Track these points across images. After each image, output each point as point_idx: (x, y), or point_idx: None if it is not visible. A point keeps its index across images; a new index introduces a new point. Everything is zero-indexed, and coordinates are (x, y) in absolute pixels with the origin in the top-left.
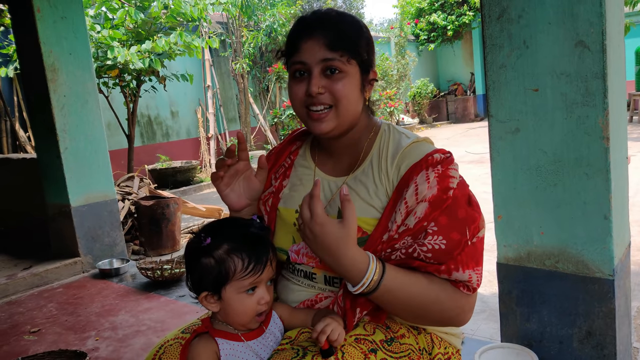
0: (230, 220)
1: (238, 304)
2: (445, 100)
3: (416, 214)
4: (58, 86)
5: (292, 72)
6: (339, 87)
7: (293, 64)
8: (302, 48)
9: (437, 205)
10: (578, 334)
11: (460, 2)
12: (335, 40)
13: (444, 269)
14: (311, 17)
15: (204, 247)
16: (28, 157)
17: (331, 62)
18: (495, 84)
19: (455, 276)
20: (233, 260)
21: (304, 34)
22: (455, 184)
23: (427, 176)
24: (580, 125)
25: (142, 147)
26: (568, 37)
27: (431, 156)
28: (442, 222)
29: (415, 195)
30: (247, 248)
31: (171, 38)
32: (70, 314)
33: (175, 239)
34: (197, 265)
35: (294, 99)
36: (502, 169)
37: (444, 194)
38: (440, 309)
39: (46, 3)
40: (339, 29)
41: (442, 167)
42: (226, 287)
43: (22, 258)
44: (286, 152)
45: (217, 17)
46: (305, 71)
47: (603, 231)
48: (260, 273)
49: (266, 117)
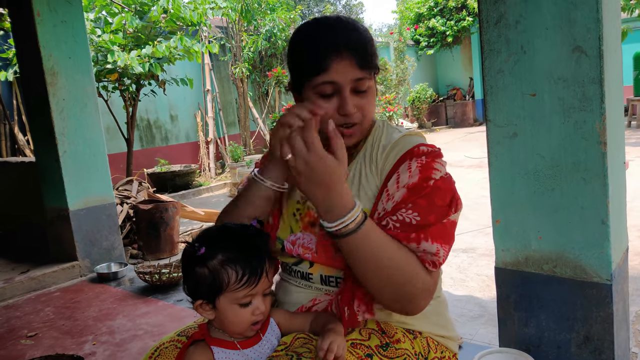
0: (226, 228)
1: (232, 314)
2: (444, 104)
3: (394, 199)
4: (57, 90)
5: (318, 91)
6: (368, 104)
7: (322, 84)
8: (332, 68)
9: (415, 192)
10: (576, 338)
11: (459, 7)
12: (364, 60)
13: (414, 237)
14: (335, 34)
15: (198, 256)
16: (27, 161)
17: (361, 82)
18: (493, 88)
19: (424, 246)
20: (227, 272)
21: (332, 52)
22: (439, 176)
23: (410, 166)
24: (578, 130)
25: (141, 151)
26: (565, 42)
27: (418, 147)
28: (420, 204)
29: (396, 184)
30: (242, 259)
31: (171, 42)
32: (67, 318)
33: (173, 243)
34: (192, 273)
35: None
36: (500, 174)
37: (424, 182)
38: (404, 280)
39: (46, 7)
40: (365, 47)
41: (427, 158)
42: (220, 297)
43: (20, 262)
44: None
45: (216, 22)
46: (334, 91)
47: (601, 236)
48: (254, 285)
49: (265, 122)
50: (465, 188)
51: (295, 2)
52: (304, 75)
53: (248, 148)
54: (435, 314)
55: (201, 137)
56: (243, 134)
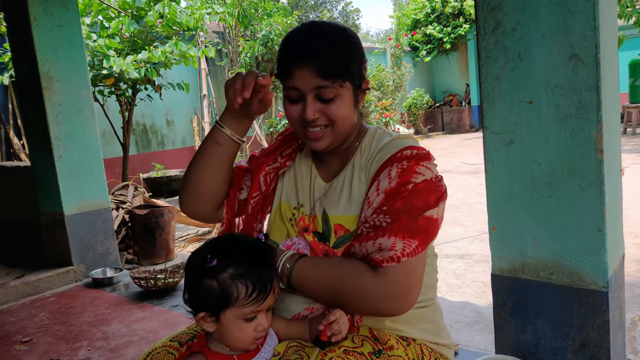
0: (235, 240)
1: (235, 329)
2: (440, 111)
3: (372, 205)
4: (53, 94)
5: (286, 95)
6: (333, 109)
7: (287, 88)
8: (294, 74)
9: (392, 196)
10: (572, 345)
11: (456, 14)
12: (326, 69)
13: (372, 235)
14: (301, 41)
15: (209, 268)
16: (22, 165)
17: (324, 90)
18: (490, 96)
19: (380, 241)
20: (237, 287)
21: (294, 59)
22: (420, 179)
23: (389, 172)
24: (574, 137)
25: (137, 156)
26: (562, 50)
27: (401, 152)
28: (396, 206)
29: (376, 191)
30: (253, 275)
31: (167, 47)
32: (62, 324)
33: (169, 248)
34: (199, 285)
35: (290, 119)
36: (496, 181)
37: (402, 187)
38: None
39: (42, 11)
40: (329, 55)
41: (409, 162)
42: (226, 311)
43: (15, 266)
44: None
45: (213, 27)
46: (298, 96)
47: (597, 243)
48: (262, 301)
49: (262, 126)
50: (461, 194)
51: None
52: (279, 79)
53: (244, 153)
54: (429, 321)
55: (197, 142)
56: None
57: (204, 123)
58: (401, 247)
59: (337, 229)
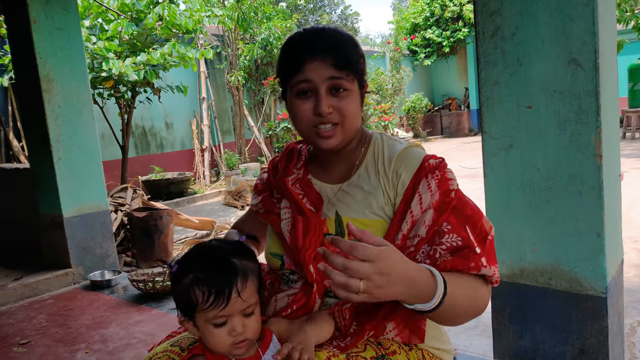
0: (207, 246)
1: (209, 334)
2: (439, 114)
3: (425, 223)
4: (53, 97)
5: (296, 91)
6: (345, 104)
7: (298, 83)
8: (307, 67)
9: (442, 210)
10: (571, 351)
11: (455, 18)
12: (341, 60)
13: (473, 265)
14: (312, 37)
15: (173, 274)
16: (21, 167)
17: (338, 81)
18: (489, 100)
19: (484, 272)
20: (194, 292)
21: (307, 52)
22: (455, 185)
23: (429, 184)
24: (573, 142)
25: (136, 158)
26: (561, 55)
27: (427, 162)
28: (452, 222)
29: (419, 205)
30: (209, 280)
31: (165, 49)
32: (60, 326)
33: (167, 251)
34: (173, 289)
35: (300, 117)
36: (495, 185)
37: (447, 197)
38: (478, 304)
39: (42, 14)
40: (343, 49)
41: (440, 171)
42: (195, 316)
43: (13, 268)
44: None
45: (213, 30)
46: (310, 90)
47: (596, 248)
48: (223, 306)
49: (261, 130)
50: None
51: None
52: (285, 78)
53: (243, 156)
54: (431, 327)
55: (196, 144)
56: (238, 142)
57: (203, 126)
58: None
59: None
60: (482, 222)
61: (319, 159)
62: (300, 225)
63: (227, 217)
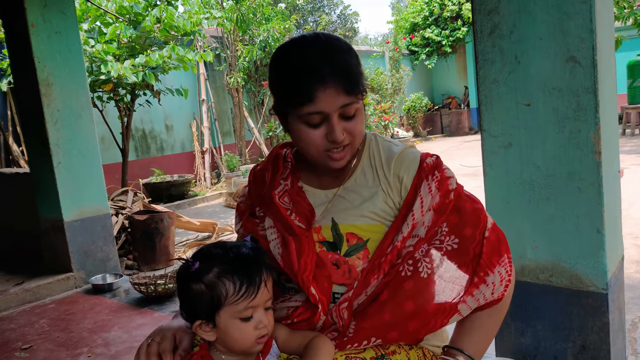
0: (220, 243)
1: (234, 330)
2: (439, 113)
3: (425, 224)
4: (52, 100)
5: (304, 120)
6: (356, 126)
7: (308, 114)
8: (318, 98)
9: (442, 211)
10: (572, 348)
11: (454, 17)
12: (351, 84)
13: (477, 281)
14: (318, 61)
15: (193, 272)
16: (21, 172)
17: (349, 107)
18: (488, 98)
19: (491, 279)
20: (224, 284)
21: (316, 82)
22: (454, 183)
23: (429, 186)
24: (572, 139)
25: (136, 161)
26: (559, 52)
27: (425, 162)
28: (453, 221)
29: (421, 208)
30: (238, 270)
31: (164, 52)
32: (62, 330)
33: (169, 254)
34: (188, 292)
35: (310, 143)
36: (495, 183)
37: (446, 199)
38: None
39: (40, 18)
40: (351, 70)
41: (439, 171)
42: (220, 313)
43: (14, 273)
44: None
45: (211, 32)
46: (321, 120)
47: (596, 245)
48: (254, 296)
49: (261, 131)
50: None
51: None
52: (290, 104)
53: (244, 157)
54: None
55: (197, 146)
56: (239, 144)
57: (203, 128)
58: (505, 272)
59: (349, 237)
60: (484, 215)
61: (309, 163)
62: (293, 247)
63: (228, 219)
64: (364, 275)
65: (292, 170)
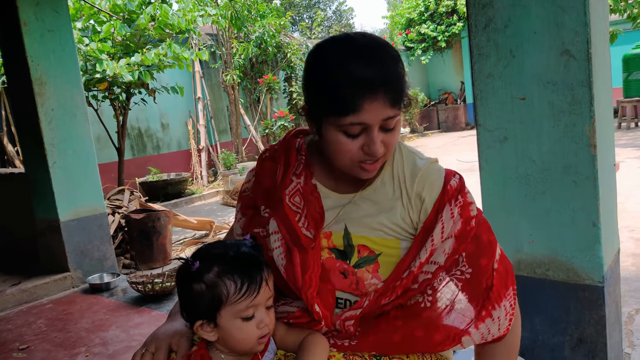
0: (219, 242)
1: (236, 330)
2: (435, 109)
3: (445, 251)
4: (46, 100)
5: (343, 129)
6: (394, 138)
7: (350, 124)
8: (365, 109)
9: (463, 239)
10: (569, 341)
11: (450, 12)
12: (398, 97)
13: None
14: (368, 69)
15: (194, 272)
16: (16, 172)
17: (391, 120)
18: (483, 93)
19: (497, 314)
20: (225, 283)
21: (366, 92)
22: (475, 210)
23: (452, 212)
24: (568, 133)
25: (132, 160)
26: (554, 46)
27: (449, 185)
28: (469, 250)
29: (441, 233)
30: (239, 269)
31: (160, 50)
32: (59, 330)
33: (166, 252)
34: (189, 292)
35: (344, 153)
36: (491, 178)
37: (468, 225)
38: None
39: (33, 16)
40: (399, 81)
41: (462, 196)
42: (221, 312)
43: (11, 274)
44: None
45: (206, 29)
46: (360, 130)
47: (592, 238)
48: (255, 294)
49: (257, 128)
50: None
51: (286, 9)
52: (330, 112)
53: (240, 155)
54: None
55: (193, 145)
56: (235, 141)
57: (199, 126)
58: (510, 306)
59: (360, 248)
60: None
61: (324, 159)
62: (297, 261)
63: (225, 217)
64: (376, 296)
65: (305, 165)
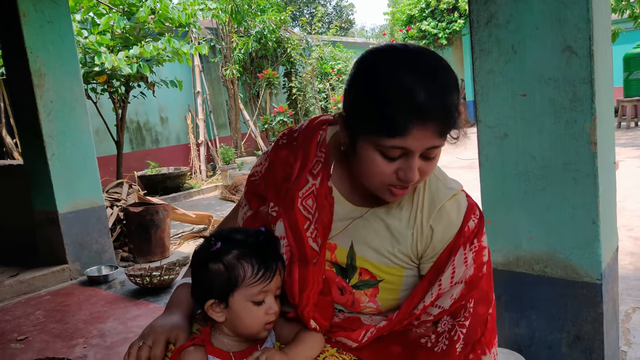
0: (240, 229)
1: (245, 313)
2: None
3: (453, 296)
4: (45, 92)
5: (381, 150)
6: (431, 167)
7: (393, 147)
8: (412, 135)
9: (473, 285)
10: (567, 338)
11: (451, 9)
12: (448, 127)
13: (472, 357)
14: (427, 94)
15: (214, 252)
16: (15, 164)
17: (434, 149)
18: (484, 89)
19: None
20: (243, 266)
21: (418, 117)
22: (487, 254)
23: (465, 257)
24: (568, 130)
25: (131, 153)
26: (556, 42)
27: (467, 226)
28: (474, 297)
29: (451, 278)
30: (257, 255)
31: (159, 44)
32: (57, 322)
33: (164, 246)
34: (205, 271)
35: (377, 176)
36: (490, 174)
37: (479, 272)
38: None
39: (32, 7)
40: (453, 112)
41: (478, 240)
42: (234, 294)
43: (9, 265)
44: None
45: (206, 23)
46: (400, 154)
47: (591, 236)
48: (269, 280)
49: (256, 123)
50: None
51: (286, 4)
52: (372, 131)
53: (239, 150)
54: None
55: (192, 139)
56: (234, 136)
57: (198, 120)
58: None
59: (362, 271)
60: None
61: (344, 164)
62: (297, 276)
63: (223, 212)
64: (377, 330)
65: (324, 165)
